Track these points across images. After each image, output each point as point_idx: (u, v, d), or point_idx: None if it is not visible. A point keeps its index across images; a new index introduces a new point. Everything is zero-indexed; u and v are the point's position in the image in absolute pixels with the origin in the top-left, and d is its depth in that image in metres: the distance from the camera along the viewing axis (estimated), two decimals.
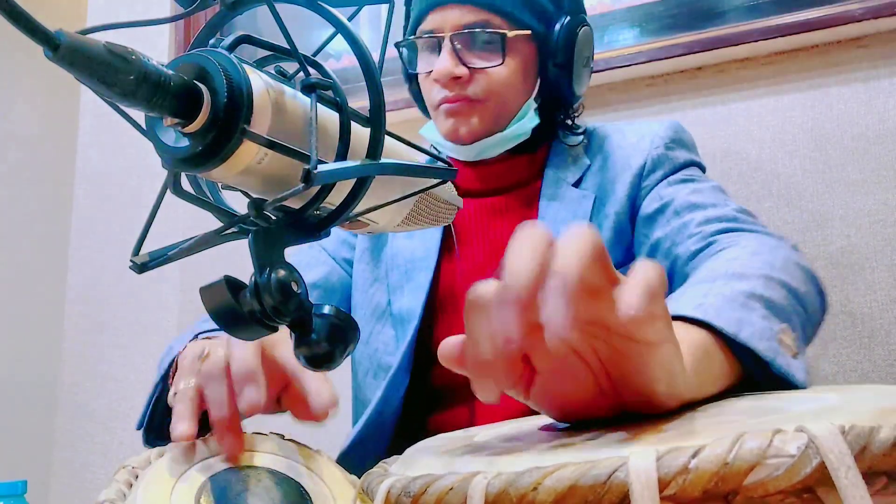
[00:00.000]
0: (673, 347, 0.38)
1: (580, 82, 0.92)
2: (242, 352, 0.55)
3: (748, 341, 0.51)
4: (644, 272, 0.34)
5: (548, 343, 0.32)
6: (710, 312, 0.52)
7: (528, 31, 0.88)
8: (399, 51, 0.92)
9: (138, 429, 0.72)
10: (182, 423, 0.54)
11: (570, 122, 0.97)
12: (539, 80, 0.91)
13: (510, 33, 0.86)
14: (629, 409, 0.40)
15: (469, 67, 0.87)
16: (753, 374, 0.52)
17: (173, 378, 0.63)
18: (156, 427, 0.71)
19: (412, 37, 0.91)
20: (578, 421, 0.42)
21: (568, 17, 0.89)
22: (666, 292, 0.36)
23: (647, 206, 0.88)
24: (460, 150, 0.92)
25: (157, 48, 1.60)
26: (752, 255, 0.66)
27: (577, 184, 0.92)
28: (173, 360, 0.67)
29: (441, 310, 0.92)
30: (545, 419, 0.46)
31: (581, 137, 0.96)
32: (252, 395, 0.53)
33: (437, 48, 0.88)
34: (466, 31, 0.86)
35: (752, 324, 0.53)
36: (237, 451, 0.54)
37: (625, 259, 0.90)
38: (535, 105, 0.91)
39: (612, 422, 0.39)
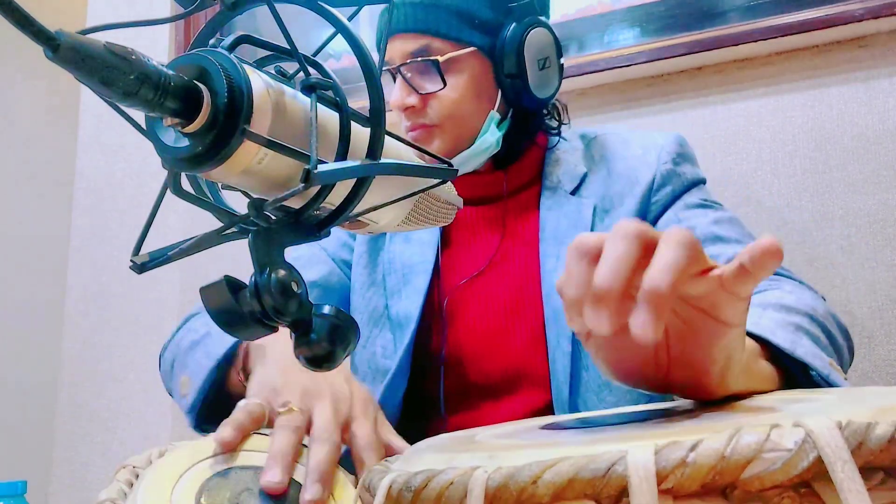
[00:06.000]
0: (741, 335, 0.42)
1: (542, 86, 0.89)
2: (329, 432, 0.56)
3: (804, 357, 0.55)
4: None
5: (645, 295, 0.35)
6: (766, 330, 0.57)
7: (472, 48, 0.87)
8: None
9: (189, 413, 0.72)
10: (230, 430, 0.55)
11: (554, 125, 0.97)
12: (500, 93, 0.90)
13: (444, 57, 0.86)
14: (674, 391, 0.43)
15: (419, 94, 0.88)
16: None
17: (242, 368, 0.67)
18: (206, 412, 0.72)
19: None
20: (581, 420, 0.43)
21: (514, 24, 0.87)
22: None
23: (665, 227, 0.87)
24: None
25: (157, 48, 1.60)
26: (798, 299, 0.70)
27: (574, 191, 0.92)
28: (235, 348, 0.70)
29: (438, 314, 0.92)
30: (546, 420, 0.46)
31: (558, 139, 0.96)
32: (324, 465, 0.54)
33: (394, 79, 0.90)
34: (410, 60, 0.87)
35: (804, 346, 0.58)
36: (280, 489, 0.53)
37: None
38: (497, 118, 0.90)
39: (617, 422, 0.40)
